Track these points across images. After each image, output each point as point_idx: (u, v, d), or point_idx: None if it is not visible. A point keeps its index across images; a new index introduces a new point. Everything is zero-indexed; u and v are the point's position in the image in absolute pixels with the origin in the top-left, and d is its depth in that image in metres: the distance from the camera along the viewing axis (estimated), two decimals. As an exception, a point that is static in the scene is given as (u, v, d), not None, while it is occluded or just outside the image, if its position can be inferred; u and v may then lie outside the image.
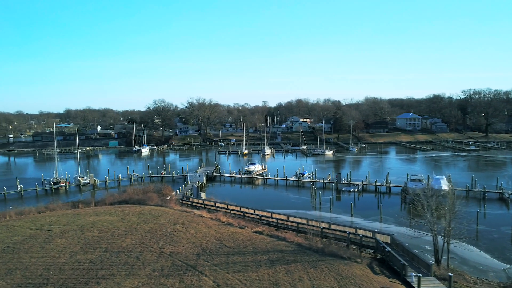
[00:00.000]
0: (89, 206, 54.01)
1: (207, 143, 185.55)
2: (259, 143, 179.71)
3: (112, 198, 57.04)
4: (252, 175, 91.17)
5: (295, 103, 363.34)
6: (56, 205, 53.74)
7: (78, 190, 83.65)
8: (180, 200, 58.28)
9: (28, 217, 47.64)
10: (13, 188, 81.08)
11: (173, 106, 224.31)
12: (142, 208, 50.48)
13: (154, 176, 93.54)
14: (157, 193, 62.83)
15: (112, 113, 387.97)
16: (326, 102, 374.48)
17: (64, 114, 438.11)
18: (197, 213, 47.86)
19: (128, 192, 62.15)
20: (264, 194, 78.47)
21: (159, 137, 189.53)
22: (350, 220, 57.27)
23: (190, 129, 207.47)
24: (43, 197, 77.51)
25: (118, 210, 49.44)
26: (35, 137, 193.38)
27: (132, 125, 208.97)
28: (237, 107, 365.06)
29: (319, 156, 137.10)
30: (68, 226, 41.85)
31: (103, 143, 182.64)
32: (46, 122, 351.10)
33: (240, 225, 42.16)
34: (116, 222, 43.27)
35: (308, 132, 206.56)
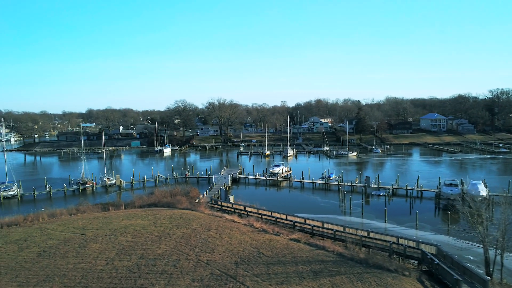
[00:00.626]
0: (119, 208, 53.78)
1: (227, 143, 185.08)
2: (280, 143, 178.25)
3: (141, 200, 56.68)
4: (277, 177, 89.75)
5: (314, 103, 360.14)
6: (87, 207, 53.71)
7: (104, 191, 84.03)
8: (209, 203, 57.43)
9: (60, 220, 47.63)
10: (42, 189, 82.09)
11: (193, 106, 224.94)
12: (173, 212, 49.83)
13: (179, 177, 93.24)
14: (185, 196, 62.35)
15: (132, 113, 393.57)
16: (346, 102, 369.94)
17: (86, 114, 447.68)
18: (228, 218, 46.84)
19: (156, 195, 61.85)
20: (291, 197, 77.02)
21: (180, 137, 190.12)
22: (384, 226, 55.24)
23: (210, 130, 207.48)
24: (71, 198, 78.13)
25: (148, 213, 48.92)
26: (60, 137, 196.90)
27: (153, 125, 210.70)
28: (256, 107, 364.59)
29: (343, 158, 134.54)
30: (101, 230, 41.47)
31: (126, 143, 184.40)
32: (69, 122, 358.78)
33: (275, 231, 40.90)
34: (148, 226, 42.67)
35: (330, 133, 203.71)
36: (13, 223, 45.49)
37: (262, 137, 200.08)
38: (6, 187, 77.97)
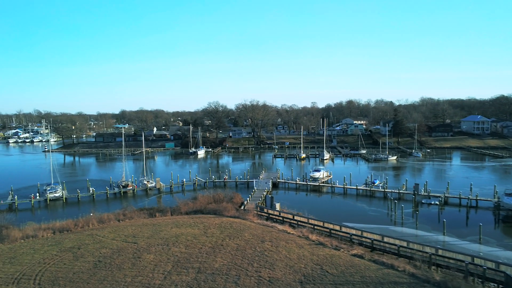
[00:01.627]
0: (165, 215, 52.94)
1: (260, 145, 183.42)
2: (315, 146, 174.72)
3: (187, 207, 55.64)
4: (319, 182, 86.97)
5: (345, 104, 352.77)
6: (133, 213, 53.19)
7: (144, 194, 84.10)
8: (255, 210, 55.62)
9: (109, 226, 47.18)
10: (85, 190, 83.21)
11: (225, 107, 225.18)
12: (221, 220, 48.35)
13: (217, 181, 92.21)
14: (230, 202, 60.89)
15: (164, 114, 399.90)
16: (378, 103, 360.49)
17: (119, 114, 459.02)
18: (280, 228, 44.81)
19: (200, 201, 60.71)
20: (335, 204, 74.11)
21: (213, 139, 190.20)
22: (442, 239, 51.55)
23: (243, 131, 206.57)
24: (113, 201, 78.60)
25: (197, 221, 47.67)
26: (97, 138, 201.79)
27: (187, 127, 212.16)
28: (285, 108, 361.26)
29: (382, 162, 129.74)
30: (153, 239, 40.46)
31: (160, 145, 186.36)
32: (103, 122, 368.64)
33: (333, 245, 38.47)
34: (199, 236, 41.30)
35: (365, 135, 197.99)
36: (64, 229, 45.39)
37: (295, 139, 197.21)
38: (51, 189, 79.35)
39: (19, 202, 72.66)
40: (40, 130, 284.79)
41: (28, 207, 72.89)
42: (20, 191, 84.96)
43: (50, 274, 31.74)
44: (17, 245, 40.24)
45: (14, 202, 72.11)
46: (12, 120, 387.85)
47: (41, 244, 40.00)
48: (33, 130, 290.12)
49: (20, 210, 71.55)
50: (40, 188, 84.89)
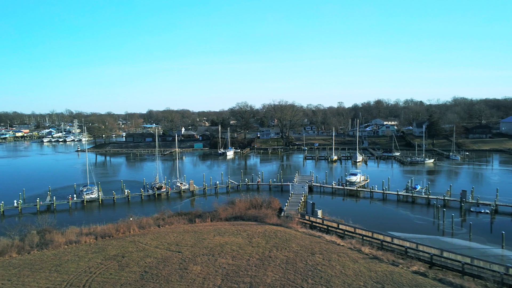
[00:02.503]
0: (205, 221, 51.49)
1: (289, 147, 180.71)
2: (345, 148, 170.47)
3: (226, 212, 54.03)
4: (356, 187, 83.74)
5: (374, 104, 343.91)
6: (173, 218, 52.05)
7: (178, 196, 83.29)
8: (298, 218, 53.34)
9: (150, 232, 46.12)
10: (119, 191, 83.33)
11: (253, 108, 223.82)
12: (264, 228, 46.40)
13: (250, 184, 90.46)
14: (268, 208, 58.97)
15: (190, 113, 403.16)
16: (408, 102, 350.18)
17: (147, 114, 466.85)
18: (328, 238, 42.41)
19: (238, 206, 58.98)
20: (375, 211, 70.69)
21: (241, 139, 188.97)
22: (501, 253, 47.71)
23: (271, 132, 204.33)
24: (148, 203, 78.15)
25: (239, 229, 45.91)
26: (127, 138, 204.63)
27: (215, 127, 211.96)
28: (311, 108, 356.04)
29: (418, 165, 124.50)
30: (197, 248, 38.94)
31: (189, 145, 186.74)
32: (132, 122, 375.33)
33: (390, 260, 35.78)
34: (244, 246, 39.48)
35: (397, 136, 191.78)
36: (106, 234, 44.63)
37: (324, 140, 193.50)
38: (88, 190, 79.74)
39: (57, 203, 73.25)
40: (72, 130, 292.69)
41: (66, 208, 73.41)
42: (57, 191, 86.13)
43: (98, 285, 30.68)
44: (61, 251, 39.66)
45: (53, 203, 72.75)
46: (46, 119, 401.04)
47: (85, 251, 39.25)
48: (65, 129, 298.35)
49: (58, 211, 72.12)
50: (77, 188, 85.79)
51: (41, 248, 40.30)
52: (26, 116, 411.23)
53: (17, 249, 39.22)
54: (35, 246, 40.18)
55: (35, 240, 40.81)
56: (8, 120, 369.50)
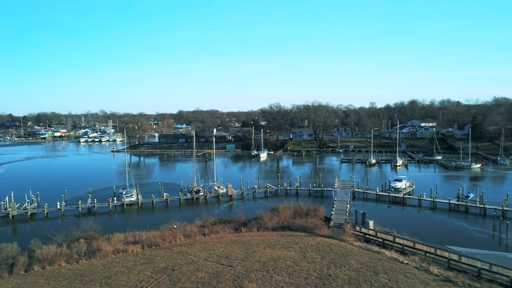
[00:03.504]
0: (251, 230, 49.31)
1: (323, 149, 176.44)
2: (382, 150, 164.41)
3: (271, 221, 51.61)
4: (402, 194, 79.24)
5: (408, 104, 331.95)
6: (218, 227, 50.19)
7: (216, 200, 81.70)
8: (350, 229, 50.12)
9: (197, 242, 44.37)
10: (157, 194, 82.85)
11: (284, 108, 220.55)
12: (316, 240, 43.63)
13: (289, 188, 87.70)
14: (314, 217, 56.13)
15: (219, 114, 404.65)
16: (444, 103, 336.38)
17: (177, 114, 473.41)
18: (388, 254, 39.11)
19: (283, 213, 56.44)
20: (426, 221, 66.03)
21: (274, 141, 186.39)
22: None
23: (304, 134, 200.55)
24: (186, 207, 77.02)
25: (289, 241, 43.35)
26: (161, 138, 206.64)
27: (246, 128, 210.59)
28: (341, 108, 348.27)
29: (464, 170, 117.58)
30: (248, 262, 36.71)
31: (221, 146, 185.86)
32: (163, 122, 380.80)
33: (465, 283, 32.15)
34: (299, 261, 36.87)
35: (438, 139, 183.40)
36: (152, 243, 43.25)
37: (359, 143, 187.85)
38: (127, 193, 79.52)
39: (98, 206, 73.33)
40: (107, 130, 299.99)
41: (106, 211, 73.38)
42: (97, 193, 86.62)
43: (151, 303, 28.96)
44: (109, 261, 38.52)
45: (94, 206, 72.88)
46: (81, 120, 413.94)
47: (133, 262, 37.90)
48: (100, 130, 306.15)
49: (99, 213, 72.17)
50: (116, 191, 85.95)
51: (89, 257, 39.34)
52: (63, 116, 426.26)
53: (66, 257, 38.42)
54: (83, 255, 39.28)
55: (83, 249, 39.92)
56: (47, 120, 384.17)
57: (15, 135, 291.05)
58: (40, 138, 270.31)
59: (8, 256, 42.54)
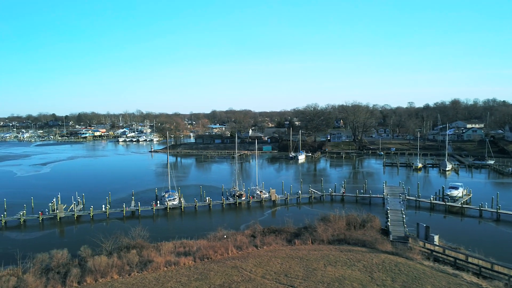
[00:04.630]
0: (305, 242, 46.18)
1: (363, 151, 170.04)
2: (427, 153, 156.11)
3: (326, 233, 48.21)
4: (460, 203, 73.29)
5: (450, 104, 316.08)
6: (270, 238, 47.40)
7: (258, 206, 79.09)
8: (415, 244, 45.85)
9: (250, 255, 41.78)
10: (198, 197, 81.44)
11: (323, 109, 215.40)
12: (380, 258, 39.87)
13: (334, 194, 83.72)
14: (370, 229, 52.20)
15: (252, 114, 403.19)
16: (489, 102, 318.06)
17: (210, 114, 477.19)
18: (467, 278, 34.78)
19: (336, 223, 52.87)
20: (492, 235, 60.11)
21: (311, 143, 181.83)
22: None
23: (343, 135, 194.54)
24: (228, 212, 74.96)
25: (350, 257, 39.86)
26: (197, 139, 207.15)
27: (283, 129, 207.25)
28: (377, 108, 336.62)
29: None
30: (311, 283, 33.65)
31: (257, 147, 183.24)
32: (197, 122, 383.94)
33: None
34: (367, 283, 33.38)
35: (485, 141, 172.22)
36: (204, 256, 41.08)
37: (401, 145, 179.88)
38: (170, 196, 78.51)
39: (142, 209, 72.66)
40: (144, 130, 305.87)
41: (150, 214, 72.57)
42: (139, 195, 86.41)
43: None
44: (162, 274, 36.66)
45: (137, 209, 72.27)
46: (119, 119, 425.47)
47: (187, 277, 35.82)
48: (137, 129, 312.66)
49: (143, 217, 71.49)
50: (158, 193, 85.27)
51: (141, 269, 37.69)
52: (102, 116, 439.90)
53: (117, 269, 36.95)
54: (134, 267, 37.68)
55: (135, 260, 38.34)
56: (87, 120, 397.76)
57: (58, 134, 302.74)
58: (81, 137, 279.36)
59: (59, 264, 41.85)
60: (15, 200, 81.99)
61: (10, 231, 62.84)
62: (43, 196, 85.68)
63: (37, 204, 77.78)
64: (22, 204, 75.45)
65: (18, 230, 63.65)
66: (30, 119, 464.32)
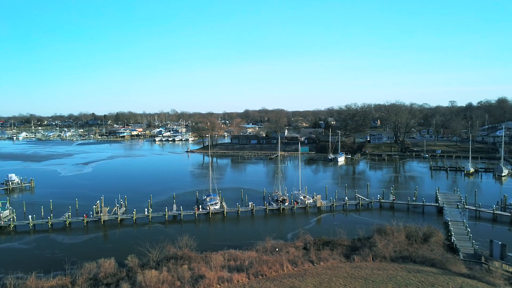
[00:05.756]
0: (366, 259, 42.26)
1: (406, 153, 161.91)
2: (478, 156, 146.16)
3: (387, 249, 43.98)
4: (529, 215, 66.51)
5: (495, 103, 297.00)
6: (325, 252, 43.81)
7: (303, 212, 75.44)
8: (494, 267, 40.78)
9: (306, 273, 38.41)
10: (239, 201, 79.17)
11: (359, 108, 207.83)
12: (456, 281, 35.33)
13: (384, 201, 78.64)
14: (434, 244, 47.45)
15: (285, 113, 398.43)
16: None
17: (243, 114, 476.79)
18: None
19: (395, 238, 48.46)
20: None
21: (351, 144, 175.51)
22: None
23: (383, 136, 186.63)
24: (271, 218, 71.86)
25: (422, 280, 35.58)
26: (233, 139, 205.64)
27: (319, 129, 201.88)
28: (415, 106, 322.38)
29: None
30: (383, 310, 29.88)
31: (294, 148, 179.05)
32: (230, 122, 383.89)
33: None
34: (449, 314, 29.19)
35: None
36: (258, 272, 38.15)
37: (447, 147, 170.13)
38: (211, 200, 76.43)
39: (184, 214, 71.00)
40: (179, 129, 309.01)
41: (192, 219, 70.83)
42: (179, 197, 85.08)
43: None
44: (216, 292, 34.09)
45: (180, 214, 70.65)
46: (155, 119, 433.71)
47: (243, 296, 33.04)
48: (173, 129, 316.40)
49: (185, 221, 69.85)
50: (199, 197, 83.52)
51: (193, 286, 35.27)
52: (139, 115, 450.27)
53: (168, 285, 34.73)
54: (186, 283, 35.32)
55: (186, 275, 36.01)
56: (124, 119, 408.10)
57: (97, 133, 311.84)
58: (120, 136, 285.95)
59: (107, 274, 40.40)
60: (60, 200, 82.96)
61: (56, 233, 62.91)
62: (86, 197, 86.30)
63: (81, 205, 78.18)
64: (66, 205, 76.13)
65: (64, 232, 63.60)
66: (72, 118, 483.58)
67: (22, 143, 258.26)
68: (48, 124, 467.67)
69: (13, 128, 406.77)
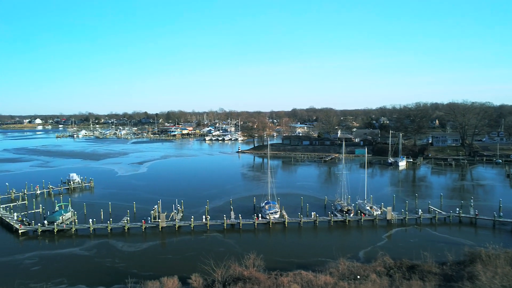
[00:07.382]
0: None
1: (475, 158, 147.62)
2: None
3: (493, 283, 36.71)
4: None
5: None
6: (413, 283, 37.51)
7: (370, 225, 68.54)
8: None
9: None
10: (299, 209, 74.25)
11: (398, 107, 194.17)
12: None
13: (463, 216, 69.74)
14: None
15: (333, 112, 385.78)
16: None
17: (291, 112, 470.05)
18: None
19: (494, 265, 40.90)
20: None
21: (411, 146, 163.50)
22: None
23: (448, 138, 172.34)
24: (336, 231, 66.08)
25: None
26: (284, 140, 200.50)
27: (376, 130, 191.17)
28: (476, 105, 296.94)
29: None
30: None
31: (349, 151, 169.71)
32: (278, 121, 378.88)
33: None
34: None
35: None
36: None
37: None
38: (271, 208, 72.04)
39: (243, 223, 67.20)
40: (228, 128, 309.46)
41: (251, 228, 66.85)
42: (235, 203, 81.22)
43: None
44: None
45: (239, 222, 66.92)
46: (204, 117, 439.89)
47: None
48: (222, 128, 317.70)
49: (243, 230, 66.13)
50: (257, 203, 79.43)
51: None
52: (188, 114, 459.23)
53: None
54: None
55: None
56: (175, 118, 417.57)
57: (150, 132, 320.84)
58: (171, 135, 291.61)
59: (171, 294, 37.21)
60: (118, 202, 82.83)
61: (115, 239, 61.62)
62: (143, 199, 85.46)
63: (138, 208, 77.36)
64: (124, 208, 75.52)
65: (123, 238, 62.20)
66: (126, 116, 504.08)
67: (81, 141, 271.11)
68: (105, 122, 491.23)
69: (73, 126, 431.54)
